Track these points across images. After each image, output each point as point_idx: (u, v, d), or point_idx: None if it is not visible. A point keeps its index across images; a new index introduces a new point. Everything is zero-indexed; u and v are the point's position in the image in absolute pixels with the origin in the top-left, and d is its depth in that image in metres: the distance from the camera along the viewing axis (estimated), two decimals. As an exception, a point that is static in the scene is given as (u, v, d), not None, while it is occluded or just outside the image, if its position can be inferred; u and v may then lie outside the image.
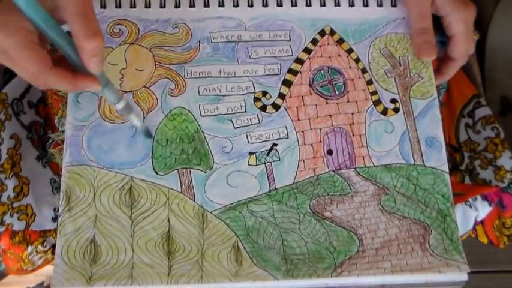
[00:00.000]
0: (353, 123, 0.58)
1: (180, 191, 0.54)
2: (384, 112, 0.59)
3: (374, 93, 0.59)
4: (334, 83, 0.59)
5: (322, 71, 0.60)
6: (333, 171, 0.56)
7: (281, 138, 0.57)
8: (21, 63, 0.45)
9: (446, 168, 0.57)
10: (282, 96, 0.58)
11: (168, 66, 0.58)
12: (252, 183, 0.55)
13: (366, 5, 0.62)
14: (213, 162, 0.55)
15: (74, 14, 0.45)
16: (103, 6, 0.60)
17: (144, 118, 0.56)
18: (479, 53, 0.73)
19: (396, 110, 0.59)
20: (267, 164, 0.56)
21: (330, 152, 0.57)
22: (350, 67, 0.60)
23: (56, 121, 0.62)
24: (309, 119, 0.58)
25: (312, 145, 0.57)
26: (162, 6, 0.60)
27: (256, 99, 0.58)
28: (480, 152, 0.67)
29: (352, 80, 0.59)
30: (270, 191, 0.55)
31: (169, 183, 0.54)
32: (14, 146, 0.63)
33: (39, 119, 0.67)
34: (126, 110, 0.52)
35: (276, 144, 0.56)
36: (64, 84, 0.47)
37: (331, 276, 0.52)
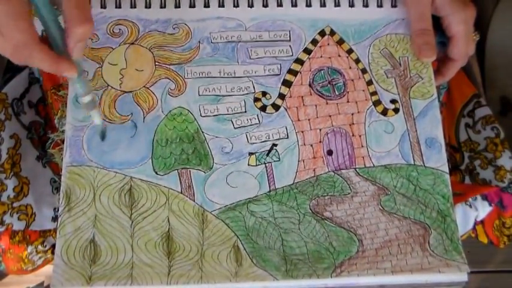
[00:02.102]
0: (353, 124, 0.58)
1: (180, 191, 0.54)
2: (384, 112, 0.59)
3: (374, 93, 0.59)
4: (334, 83, 0.59)
5: (322, 72, 0.60)
6: (333, 171, 0.56)
7: (281, 139, 0.57)
8: (8, 33, 0.44)
9: (446, 168, 0.57)
10: (282, 96, 0.58)
11: (168, 66, 0.58)
12: (252, 184, 0.55)
13: (366, 5, 0.62)
14: (213, 163, 0.55)
15: None
16: (103, 6, 0.60)
17: (143, 118, 0.56)
18: (479, 53, 0.73)
19: (396, 111, 0.59)
20: (266, 164, 0.56)
21: (329, 153, 0.57)
22: (350, 67, 0.60)
23: (55, 121, 0.62)
24: (308, 120, 0.58)
25: (311, 145, 0.57)
26: (162, 6, 0.60)
27: (256, 100, 0.58)
28: (480, 151, 0.67)
29: (352, 80, 0.60)
30: (269, 191, 0.55)
31: (169, 184, 0.54)
32: (14, 145, 0.63)
33: (39, 119, 0.67)
34: (90, 104, 0.52)
35: (275, 145, 0.56)
36: (45, 63, 0.47)
37: (331, 277, 0.52)
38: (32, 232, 0.62)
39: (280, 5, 0.61)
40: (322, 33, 0.61)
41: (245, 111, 0.57)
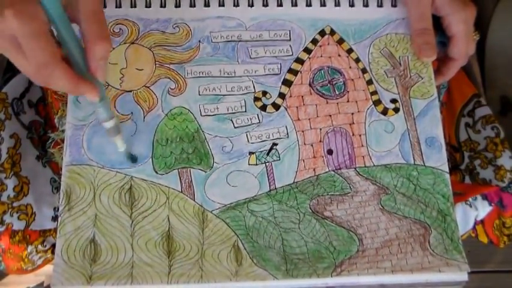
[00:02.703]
0: (353, 123, 0.58)
1: (180, 190, 0.54)
2: (384, 112, 0.59)
3: (374, 93, 0.59)
4: (334, 82, 0.59)
5: (322, 71, 0.60)
6: (333, 171, 0.56)
7: (281, 138, 0.57)
8: (31, 52, 0.44)
9: (446, 168, 0.57)
10: (282, 95, 0.58)
11: (168, 65, 0.58)
12: (252, 183, 0.55)
13: (366, 5, 0.62)
14: (213, 162, 0.55)
15: (88, 14, 0.45)
16: (103, 5, 0.60)
17: (144, 118, 0.56)
18: (479, 53, 0.73)
19: (396, 110, 0.59)
20: (267, 164, 0.56)
21: (330, 152, 0.57)
22: (350, 67, 0.60)
23: (56, 121, 0.62)
24: (309, 119, 0.58)
25: (312, 145, 0.57)
26: (163, 5, 0.60)
27: (256, 99, 0.58)
28: (480, 151, 0.67)
29: (352, 80, 0.60)
30: (270, 190, 0.55)
31: (169, 183, 0.54)
32: (14, 145, 0.63)
33: (39, 119, 0.67)
34: (114, 130, 0.51)
35: (276, 144, 0.56)
36: (66, 83, 0.46)
37: (331, 276, 0.52)
38: (32, 232, 0.62)
39: (280, 4, 0.61)
40: (322, 33, 0.61)
41: (245, 111, 0.57)
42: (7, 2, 0.42)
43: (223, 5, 0.61)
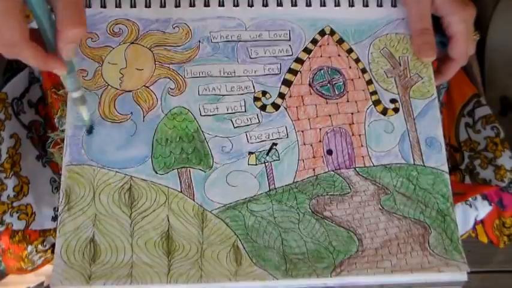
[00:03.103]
0: (353, 123, 0.58)
1: (179, 190, 0.54)
2: (384, 112, 0.59)
3: (374, 93, 0.59)
4: (334, 82, 0.59)
5: (322, 71, 0.60)
6: (333, 171, 0.56)
7: (281, 138, 0.57)
8: (0, 30, 0.44)
9: (446, 168, 0.57)
10: (281, 95, 0.58)
11: (168, 65, 0.58)
12: (252, 183, 0.55)
13: (366, 5, 0.62)
14: (213, 162, 0.55)
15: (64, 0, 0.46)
16: (103, 5, 0.60)
17: (143, 117, 0.56)
18: (479, 53, 0.73)
19: (396, 110, 0.59)
20: (266, 164, 0.56)
21: (329, 152, 0.57)
22: (350, 67, 0.60)
23: (55, 120, 0.62)
24: (308, 119, 0.58)
25: (311, 145, 0.57)
26: (162, 5, 0.60)
27: (256, 99, 0.58)
28: (480, 151, 0.67)
29: (352, 80, 0.59)
30: (269, 190, 0.55)
31: (168, 183, 0.54)
32: (14, 145, 0.63)
33: (39, 119, 0.67)
34: (80, 100, 0.53)
35: (275, 144, 0.56)
36: (35, 61, 0.47)
37: (331, 276, 0.52)
38: (32, 232, 0.62)
39: (280, 4, 0.61)
40: (322, 33, 0.61)
41: (245, 111, 0.57)
42: None
43: (223, 5, 0.61)
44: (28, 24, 0.47)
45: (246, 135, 0.57)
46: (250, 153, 0.56)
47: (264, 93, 0.58)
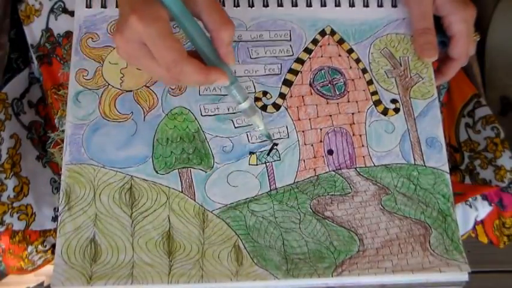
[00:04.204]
0: (353, 123, 0.58)
1: (180, 190, 0.54)
2: (385, 112, 0.59)
3: (374, 93, 0.59)
4: (334, 83, 0.59)
5: (322, 71, 0.60)
6: (334, 171, 0.56)
7: (282, 138, 0.57)
8: (159, 53, 0.45)
9: (446, 168, 0.57)
10: (282, 96, 0.58)
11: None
12: (253, 183, 0.55)
13: (366, 5, 0.62)
14: (214, 162, 0.55)
15: (207, 5, 0.47)
16: (104, 5, 0.60)
17: (144, 117, 0.56)
18: (480, 53, 0.73)
19: (396, 110, 0.59)
20: (267, 164, 0.56)
21: (330, 152, 0.57)
22: (350, 67, 0.60)
23: (56, 121, 0.62)
24: (309, 119, 0.58)
25: (312, 145, 0.57)
26: (163, 5, 0.60)
27: (257, 99, 0.58)
28: (480, 151, 0.67)
29: (353, 80, 0.60)
30: (270, 190, 0.55)
31: (169, 183, 0.54)
32: (14, 145, 0.62)
33: (39, 119, 0.67)
34: (250, 111, 0.53)
35: (276, 144, 0.56)
36: (197, 76, 0.47)
37: (332, 276, 0.52)
38: (32, 232, 0.62)
39: (280, 4, 0.61)
40: (322, 33, 0.61)
41: None
42: (129, 8, 0.44)
43: (223, 6, 0.61)
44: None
45: (247, 135, 0.57)
46: (251, 153, 0.56)
47: (265, 93, 0.58)
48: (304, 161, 0.56)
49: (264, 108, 0.58)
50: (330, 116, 0.58)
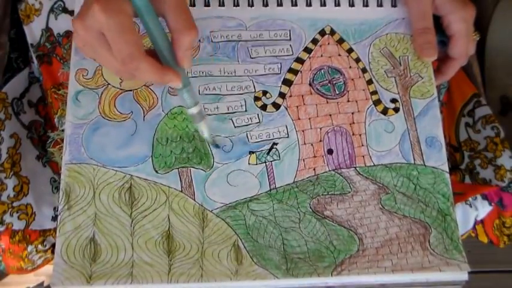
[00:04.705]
0: (353, 123, 0.58)
1: (180, 189, 0.54)
2: (384, 112, 0.59)
3: (374, 92, 0.59)
4: (334, 82, 0.59)
5: (322, 71, 0.60)
6: (333, 170, 0.56)
7: (281, 138, 0.57)
8: (117, 46, 0.45)
9: (446, 167, 0.57)
10: (282, 95, 0.58)
11: (168, 65, 0.58)
12: (253, 182, 0.55)
13: (366, 5, 0.62)
14: (213, 161, 0.55)
15: (174, 7, 0.47)
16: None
17: (144, 117, 0.56)
18: (479, 53, 0.73)
19: (396, 110, 0.59)
20: (267, 163, 0.56)
21: (330, 151, 0.57)
22: (350, 67, 0.60)
23: (55, 120, 0.62)
24: (309, 118, 0.58)
25: (312, 144, 0.57)
26: (163, 5, 0.60)
27: (257, 99, 0.58)
28: (480, 151, 0.67)
29: (353, 79, 0.60)
30: (270, 190, 0.55)
31: (169, 182, 0.54)
32: (14, 145, 0.63)
33: (39, 119, 0.67)
34: (198, 116, 0.53)
35: (276, 144, 0.56)
36: (152, 74, 0.47)
37: (332, 275, 0.52)
38: (32, 232, 0.62)
39: (280, 4, 0.61)
40: (322, 33, 0.61)
41: (245, 110, 0.57)
42: None
43: (223, 5, 0.61)
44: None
45: (247, 134, 0.57)
46: (250, 152, 0.56)
47: (265, 92, 0.58)
48: (303, 160, 0.56)
49: (263, 107, 0.58)
50: (330, 115, 0.58)
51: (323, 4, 0.62)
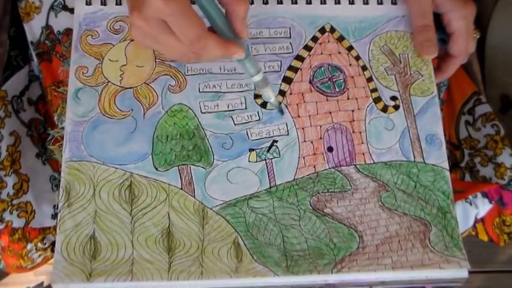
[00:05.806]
0: (353, 120, 0.58)
1: (180, 187, 0.54)
2: (384, 109, 0.59)
3: (374, 90, 0.59)
4: (334, 80, 0.59)
5: (322, 68, 0.60)
6: (333, 168, 0.56)
7: (281, 135, 0.57)
8: (182, 29, 0.45)
9: (446, 165, 0.57)
10: (282, 93, 0.58)
11: (168, 63, 0.58)
12: (253, 180, 0.55)
13: (366, 2, 0.62)
14: (213, 159, 0.55)
15: None
16: (103, 3, 0.60)
17: (144, 114, 0.56)
18: (480, 51, 0.73)
19: (396, 108, 0.59)
20: (267, 161, 0.56)
21: (330, 149, 0.57)
22: (350, 64, 0.60)
23: (55, 118, 0.62)
24: (309, 116, 0.58)
25: (312, 142, 0.57)
26: (163, 3, 0.60)
27: (257, 96, 0.58)
28: (480, 149, 0.67)
29: (353, 77, 0.60)
30: (270, 187, 0.55)
31: (169, 180, 0.54)
32: (14, 143, 0.62)
33: (39, 116, 0.67)
34: (263, 82, 0.54)
35: (276, 141, 0.56)
36: (218, 50, 0.48)
37: (332, 273, 0.52)
38: (32, 229, 0.62)
39: (280, 2, 0.61)
40: (322, 30, 0.61)
41: (245, 108, 0.57)
42: None
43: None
44: None
45: (247, 132, 0.57)
46: (250, 150, 0.56)
47: (265, 90, 0.58)
48: (303, 158, 0.56)
49: (263, 105, 0.58)
50: (330, 113, 0.58)
51: (323, 2, 0.62)
